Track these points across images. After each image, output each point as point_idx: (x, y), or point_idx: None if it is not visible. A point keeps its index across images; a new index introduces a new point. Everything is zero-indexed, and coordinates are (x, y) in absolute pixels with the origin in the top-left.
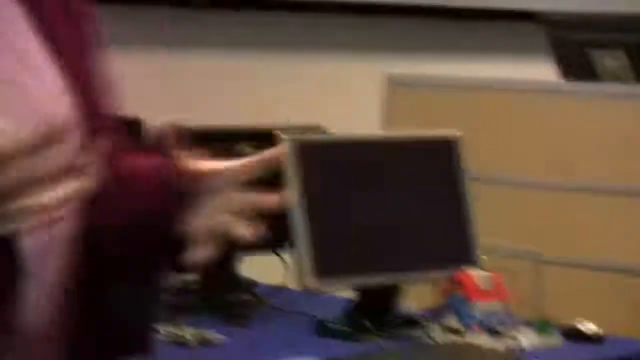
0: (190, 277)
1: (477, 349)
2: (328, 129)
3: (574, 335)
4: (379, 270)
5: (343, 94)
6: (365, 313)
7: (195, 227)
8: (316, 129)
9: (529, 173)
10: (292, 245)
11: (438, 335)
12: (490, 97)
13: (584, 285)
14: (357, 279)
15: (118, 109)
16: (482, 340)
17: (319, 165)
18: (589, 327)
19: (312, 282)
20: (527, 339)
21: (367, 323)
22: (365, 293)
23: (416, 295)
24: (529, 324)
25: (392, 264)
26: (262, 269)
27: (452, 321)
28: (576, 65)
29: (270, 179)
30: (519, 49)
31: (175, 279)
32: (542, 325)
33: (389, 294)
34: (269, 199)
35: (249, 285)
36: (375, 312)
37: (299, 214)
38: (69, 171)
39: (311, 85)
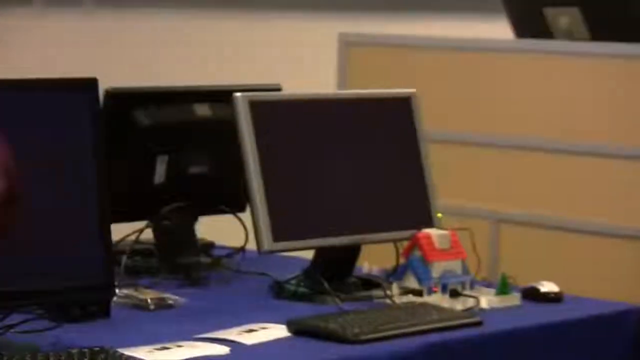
0: (147, 239)
1: (436, 309)
2: (283, 88)
3: (533, 295)
4: (338, 232)
5: (298, 53)
6: (324, 275)
7: None
8: (272, 88)
9: (484, 131)
10: (249, 206)
11: (397, 296)
12: (444, 56)
13: (542, 245)
14: (316, 241)
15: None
16: (441, 300)
17: (274, 124)
18: (548, 287)
19: (270, 244)
20: (486, 299)
21: (326, 285)
22: (324, 255)
23: (375, 257)
24: (488, 284)
25: (350, 225)
26: (220, 231)
27: (411, 282)
28: (530, 23)
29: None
30: (472, 8)
31: (132, 242)
32: (501, 285)
33: (348, 255)
34: None
35: (207, 247)
36: (334, 273)
37: (255, 174)
38: None
39: (266, 45)
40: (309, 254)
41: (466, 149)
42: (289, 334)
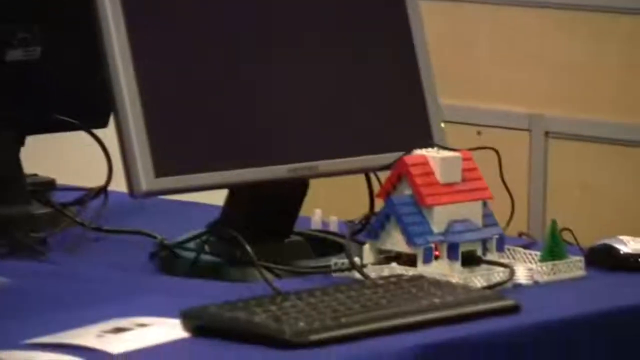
0: None
1: (439, 286)
2: None
3: (607, 259)
4: (268, 159)
5: None
6: (245, 232)
7: None
8: None
9: None
10: (115, 121)
11: (372, 266)
12: None
13: (620, 172)
14: (228, 174)
15: None
16: (449, 271)
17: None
18: (632, 245)
19: (149, 181)
20: (526, 268)
21: (249, 248)
22: (244, 198)
23: (334, 201)
24: (529, 242)
25: (289, 148)
26: (66, 162)
27: (396, 241)
28: None
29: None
30: None
31: None
32: (551, 244)
33: (286, 198)
34: None
35: (44, 190)
36: (261, 230)
37: (124, 70)
38: None
39: None
40: (218, 199)
41: (489, 13)
42: (184, 334)
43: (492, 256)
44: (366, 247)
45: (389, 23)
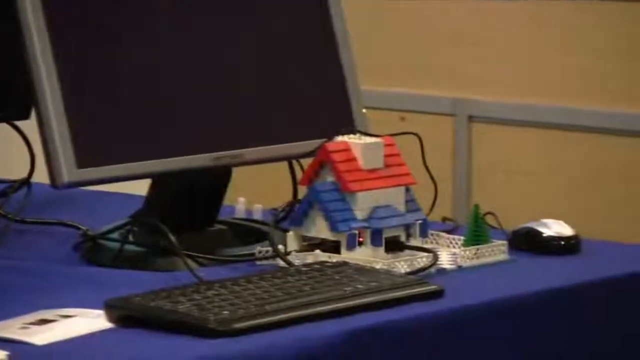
0: None
1: (362, 272)
2: None
3: (531, 243)
4: (190, 147)
5: None
6: (168, 221)
7: None
8: None
9: None
10: (35, 112)
11: (296, 253)
12: None
13: (541, 155)
14: (150, 164)
15: None
16: (372, 256)
17: None
18: (555, 228)
19: (72, 172)
20: (449, 252)
21: (172, 238)
22: (167, 187)
23: (257, 189)
24: (452, 227)
25: (211, 136)
26: None
27: (320, 228)
28: None
29: None
30: None
31: None
32: (473, 228)
33: (209, 186)
34: None
35: None
36: (187, 218)
37: (44, 58)
38: None
39: None
40: (141, 188)
41: None
42: (108, 324)
43: (415, 241)
44: (290, 234)
45: (309, 8)
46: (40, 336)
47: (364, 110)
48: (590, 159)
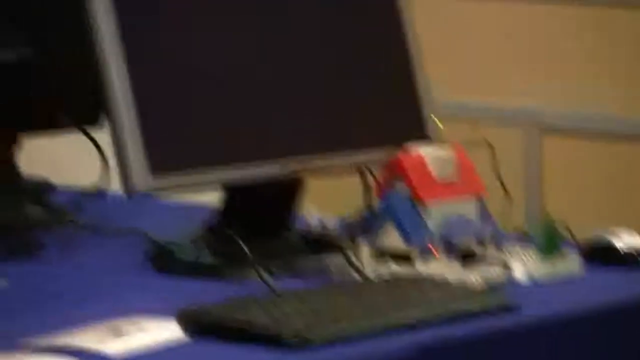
0: None
1: (436, 285)
2: None
3: (603, 255)
4: (262, 156)
5: None
6: (241, 231)
7: None
8: None
9: None
10: (108, 120)
11: (368, 264)
12: None
13: (615, 169)
14: (223, 173)
15: None
16: (445, 269)
17: None
18: (627, 240)
19: (145, 180)
20: (523, 264)
21: (245, 248)
22: (239, 197)
23: (328, 198)
24: (525, 238)
25: (283, 145)
26: (59, 162)
27: (392, 239)
28: None
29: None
30: None
31: None
32: (547, 240)
33: (281, 196)
34: None
35: (40, 190)
36: (259, 228)
37: (117, 67)
38: None
39: None
40: (213, 198)
41: (487, 8)
42: (181, 335)
43: (488, 252)
44: (363, 245)
45: (381, 19)
46: (115, 347)
47: (436, 120)
48: None
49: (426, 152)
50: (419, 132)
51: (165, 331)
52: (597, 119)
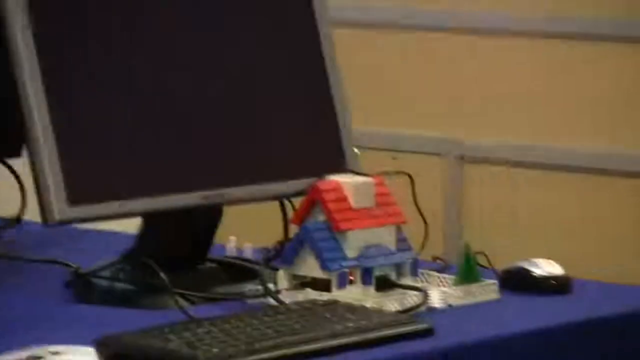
0: None
1: (353, 311)
2: None
3: (521, 282)
4: (181, 186)
5: None
6: (160, 260)
7: None
8: None
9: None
10: (27, 150)
11: (287, 291)
12: None
13: (534, 195)
14: (141, 202)
15: None
16: (363, 296)
17: (64, 12)
18: (545, 268)
19: (63, 210)
20: (440, 292)
21: (163, 276)
22: (157, 225)
23: (248, 228)
24: (443, 266)
25: (202, 174)
26: None
27: (311, 267)
28: None
29: None
30: None
31: None
32: (465, 268)
33: (200, 225)
34: None
35: None
36: (178, 257)
37: (35, 94)
38: None
39: None
40: (132, 226)
41: (404, 38)
42: None
43: (406, 280)
44: (280, 273)
45: (301, 45)
46: None
47: (355, 150)
48: (582, 199)
49: (344, 181)
50: (339, 162)
51: (83, 358)
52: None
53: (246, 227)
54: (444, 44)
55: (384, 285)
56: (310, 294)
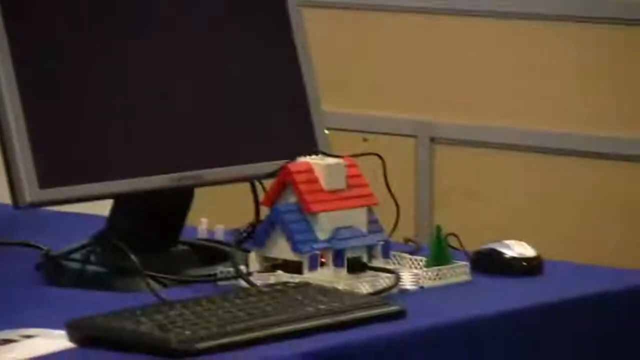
0: None
1: (325, 293)
2: None
3: (493, 264)
4: (151, 168)
5: None
6: (131, 242)
7: None
8: None
9: None
10: (1, 136)
11: (258, 273)
12: None
13: (506, 177)
14: (113, 184)
15: None
16: (335, 278)
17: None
18: (516, 249)
19: (34, 192)
20: (411, 273)
21: (134, 258)
22: (129, 207)
23: (219, 210)
24: (414, 248)
25: (172, 156)
26: None
27: (282, 249)
28: None
29: None
30: None
31: None
32: (436, 249)
33: (171, 207)
34: None
35: None
36: (149, 239)
37: (6, 79)
38: None
39: None
40: (103, 208)
41: (375, 20)
42: (70, 344)
43: (377, 262)
44: (252, 255)
45: (272, 28)
46: (5, 357)
47: (326, 131)
48: (552, 181)
49: (316, 163)
50: (310, 144)
51: (55, 342)
52: (486, 129)
53: (218, 209)
54: (415, 24)
55: (356, 267)
56: (282, 276)
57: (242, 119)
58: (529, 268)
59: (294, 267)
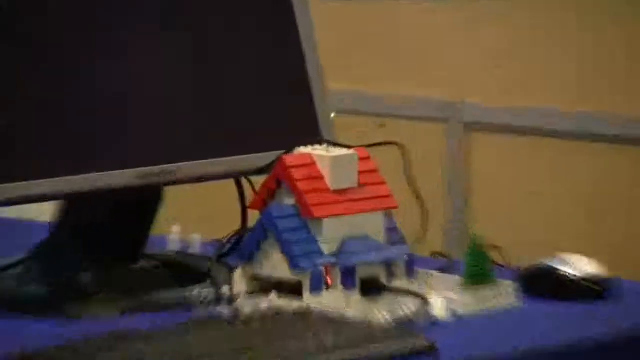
0: None
1: (330, 323)
2: None
3: (545, 285)
4: (108, 164)
5: None
6: (81, 254)
7: None
8: None
9: None
10: None
11: (244, 297)
12: None
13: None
14: (61, 182)
15: None
16: (344, 303)
17: None
18: (575, 265)
19: None
20: (443, 297)
21: (86, 275)
22: (82, 211)
23: (192, 215)
24: (446, 264)
25: (135, 152)
26: None
27: (275, 264)
28: None
29: None
30: None
31: None
32: (472, 265)
33: (133, 212)
34: None
35: None
36: (103, 252)
37: None
38: None
39: None
40: (46, 214)
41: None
42: None
43: (399, 283)
44: (237, 272)
45: (272, 13)
46: None
47: (332, 115)
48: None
49: (319, 155)
50: (311, 132)
51: None
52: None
53: (193, 214)
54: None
55: (371, 289)
56: (276, 300)
57: (226, 103)
58: (594, 291)
59: (291, 289)
